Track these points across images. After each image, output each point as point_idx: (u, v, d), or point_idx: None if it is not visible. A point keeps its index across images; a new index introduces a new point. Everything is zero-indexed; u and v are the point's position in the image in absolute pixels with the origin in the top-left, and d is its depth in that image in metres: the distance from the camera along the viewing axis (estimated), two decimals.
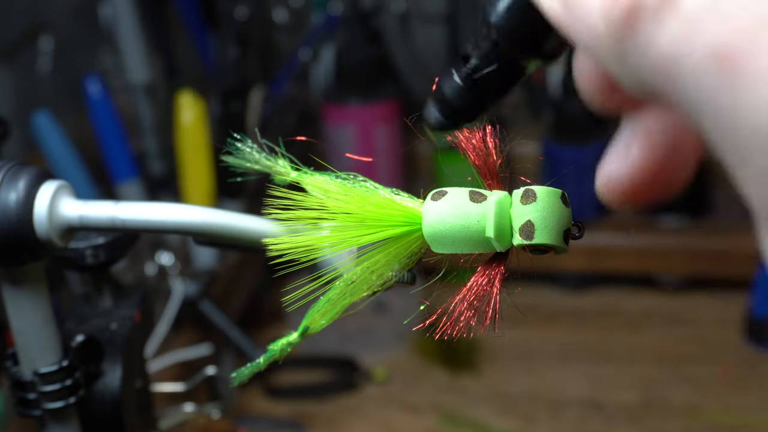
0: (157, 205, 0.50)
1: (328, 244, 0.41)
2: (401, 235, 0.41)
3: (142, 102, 1.28)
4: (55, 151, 1.06)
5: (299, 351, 1.18)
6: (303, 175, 0.43)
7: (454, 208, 0.39)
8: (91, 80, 1.13)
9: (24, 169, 0.49)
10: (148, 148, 1.30)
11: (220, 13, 1.26)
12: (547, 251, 0.39)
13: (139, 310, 0.64)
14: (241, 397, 1.19)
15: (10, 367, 0.55)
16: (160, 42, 1.34)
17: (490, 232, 0.39)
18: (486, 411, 1.15)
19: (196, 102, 1.13)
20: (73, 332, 0.58)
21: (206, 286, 1.11)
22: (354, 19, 1.38)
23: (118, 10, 1.23)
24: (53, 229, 0.49)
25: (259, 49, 1.31)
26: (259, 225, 0.50)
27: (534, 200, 0.39)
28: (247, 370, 0.44)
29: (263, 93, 1.26)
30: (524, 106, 1.47)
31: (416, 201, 0.41)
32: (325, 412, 1.17)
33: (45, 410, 0.55)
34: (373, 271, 0.41)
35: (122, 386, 0.60)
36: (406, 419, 1.15)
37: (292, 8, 1.44)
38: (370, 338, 1.27)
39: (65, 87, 1.30)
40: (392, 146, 1.40)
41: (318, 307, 0.42)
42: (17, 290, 0.52)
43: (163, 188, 1.29)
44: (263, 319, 1.30)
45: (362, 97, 1.38)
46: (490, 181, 0.40)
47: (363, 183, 0.42)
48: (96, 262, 0.62)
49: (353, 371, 1.22)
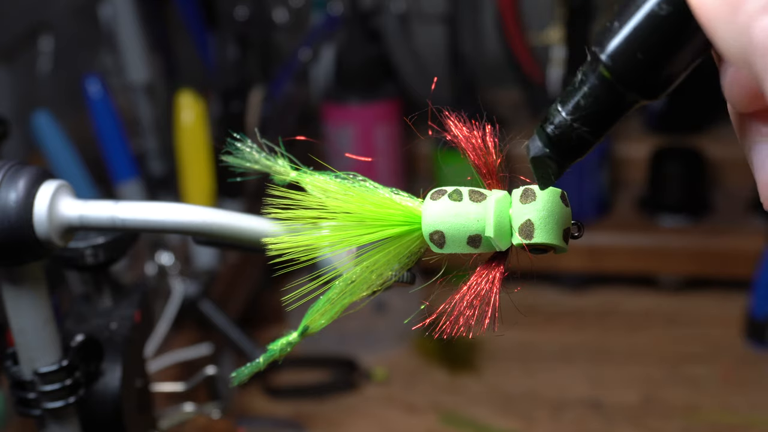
0: (157, 204, 0.50)
1: (327, 244, 0.41)
2: (401, 234, 0.41)
3: (142, 102, 1.28)
4: (55, 151, 1.06)
5: (299, 351, 1.18)
6: (303, 174, 0.43)
7: (454, 208, 0.39)
8: (91, 80, 1.13)
9: (24, 169, 0.49)
10: (148, 148, 1.30)
11: (220, 13, 1.26)
12: (547, 251, 0.39)
13: (139, 310, 0.65)
14: (241, 397, 1.19)
15: (10, 367, 0.55)
16: (160, 42, 1.35)
17: (489, 231, 0.39)
18: (486, 411, 1.15)
19: (196, 102, 1.13)
20: (73, 332, 0.58)
21: (206, 286, 1.12)
22: (354, 19, 1.38)
23: (118, 10, 1.23)
24: (53, 228, 0.49)
25: (259, 49, 1.31)
26: (258, 225, 0.50)
27: (533, 200, 0.39)
28: (247, 370, 0.44)
29: (263, 93, 1.26)
30: (524, 106, 1.47)
31: (416, 200, 0.41)
32: (325, 412, 1.17)
33: (45, 410, 0.55)
34: (372, 271, 0.41)
35: (122, 386, 0.60)
36: (406, 419, 1.15)
37: (292, 8, 1.44)
38: (370, 338, 1.27)
39: (65, 87, 1.30)
40: (392, 146, 1.40)
41: (318, 306, 0.42)
42: (17, 290, 0.52)
43: (163, 188, 1.29)
44: (263, 319, 1.30)
45: (362, 97, 1.38)
46: (490, 181, 0.40)
47: (362, 183, 0.42)
48: (96, 262, 0.62)
49: (353, 371, 1.22)
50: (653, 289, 1.36)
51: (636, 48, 0.32)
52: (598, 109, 0.35)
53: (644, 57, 0.32)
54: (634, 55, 0.32)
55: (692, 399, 1.15)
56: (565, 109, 0.35)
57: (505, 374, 1.22)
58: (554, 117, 0.35)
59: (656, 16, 0.32)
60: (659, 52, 0.32)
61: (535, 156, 0.36)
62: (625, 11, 0.33)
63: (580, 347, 1.27)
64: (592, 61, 0.34)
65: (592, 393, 1.17)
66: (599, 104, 0.34)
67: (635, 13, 0.32)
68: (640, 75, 0.33)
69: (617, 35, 0.33)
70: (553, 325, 1.32)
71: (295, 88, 1.39)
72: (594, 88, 0.34)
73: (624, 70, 0.33)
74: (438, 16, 1.43)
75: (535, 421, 1.14)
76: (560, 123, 0.35)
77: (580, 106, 0.35)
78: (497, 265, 0.40)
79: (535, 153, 0.36)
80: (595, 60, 0.34)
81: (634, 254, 1.33)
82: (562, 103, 0.35)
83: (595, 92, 0.34)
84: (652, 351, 1.25)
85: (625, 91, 0.34)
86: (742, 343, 1.24)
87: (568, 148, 0.36)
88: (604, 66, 0.33)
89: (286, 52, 1.41)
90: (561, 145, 0.36)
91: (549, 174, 0.37)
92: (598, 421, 1.13)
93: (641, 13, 0.32)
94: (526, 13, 1.40)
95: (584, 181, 1.34)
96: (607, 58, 0.33)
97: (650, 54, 0.32)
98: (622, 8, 0.33)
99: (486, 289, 0.40)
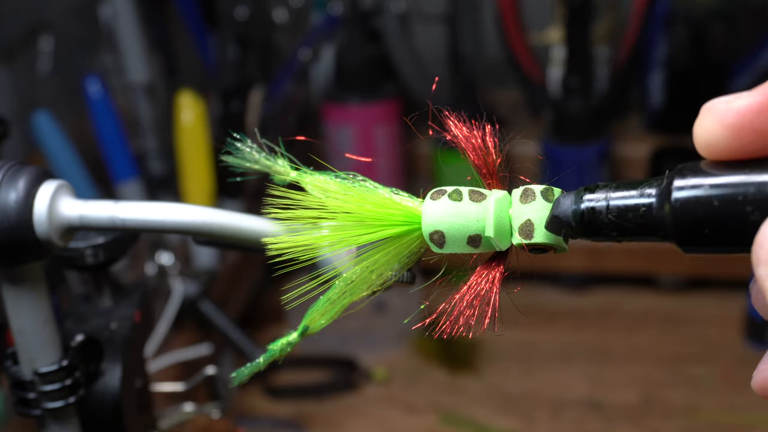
0: (157, 204, 0.50)
1: (327, 244, 0.41)
2: (401, 234, 0.41)
3: (142, 102, 1.28)
4: (55, 151, 1.06)
5: (299, 351, 1.18)
6: (302, 174, 0.43)
7: (454, 208, 0.39)
8: (91, 80, 1.13)
9: (24, 169, 0.49)
10: (148, 148, 1.30)
11: (220, 13, 1.26)
12: (547, 251, 0.39)
13: (138, 310, 0.64)
14: (241, 397, 1.19)
15: (10, 367, 0.55)
16: (160, 42, 1.34)
17: (489, 231, 0.39)
18: (486, 411, 1.15)
19: (196, 102, 1.13)
20: (73, 332, 0.58)
21: (206, 286, 1.12)
22: (354, 19, 1.38)
23: (118, 10, 1.23)
24: (53, 228, 0.49)
25: (259, 49, 1.31)
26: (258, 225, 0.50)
27: (533, 199, 0.39)
28: (247, 370, 0.44)
29: (263, 93, 1.26)
30: (524, 106, 1.47)
31: (416, 200, 0.41)
32: (325, 412, 1.17)
33: (45, 410, 0.55)
34: (372, 271, 0.41)
35: (122, 386, 0.60)
36: (406, 419, 1.15)
37: (292, 8, 1.44)
38: (370, 338, 1.27)
39: (65, 87, 1.30)
40: (392, 146, 1.40)
41: (318, 306, 0.42)
42: (17, 290, 0.52)
43: (163, 188, 1.29)
44: (263, 319, 1.30)
45: (362, 97, 1.38)
46: (490, 181, 0.40)
47: (362, 182, 0.42)
48: (96, 262, 0.62)
49: (353, 371, 1.22)
50: (653, 289, 1.36)
51: (707, 224, 0.32)
52: (636, 229, 0.35)
53: (709, 234, 0.32)
54: (702, 227, 0.32)
55: (692, 399, 1.15)
56: (612, 204, 0.35)
57: (505, 374, 1.22)
58: (597, 200, 0.35)
59: (744, 214, 0.31)
60: (721, 240, 0.32)
61: (558, 216, 0.37)
62: (730, 178, 0.31)
63: (580, 347, 1.27)
64: (667, 187, 0.33)
65: (592, 393, 1.17)
66: (640, 226, 0.34)
67: (734, 194, 0.31)
68: (693, 240, 0.33)
69: (705, 192, 0.32)
70: (553, 325, 1.32)
71: (295, 88, 1.39)
72: (647, 215, 0.34)
73: (685, 228, 0.33)
74: (438, 16, 1.43)
75: (535, 421, 1.14)
76: (599, 211, 0.35)
77: (627, 217, 0.35)
78: (497, 265, 0.40)
79: (559, 213, 0.37)
80: (669, 190, 0.33)
81: (634, 254, 1.33)
82: (614, 192, 0.35)
83: (647, 219, 0.34)
84: (652, 351, 1.24)
85: (669, 239, 0.34)
86: (742, 343, 1.24)
87: (588, 232, 0.36)
88: (671, 210, 0.33)
89: (286, 52, 1.41)
90: (585, 227, 0.36)
91: (559, 231, 0.37)
92: (598, 421, 1.13)
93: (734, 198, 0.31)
94: (526, 13, 1.40)
95: (584, 181, 1.33)
96: (681, 207, 0.32)
97: (713, 237, 0.32)
98: (728, 169, 0.32)
99: (486, 289, 0.40)
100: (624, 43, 1.38)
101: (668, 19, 1.34)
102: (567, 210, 0.36)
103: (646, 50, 1.38)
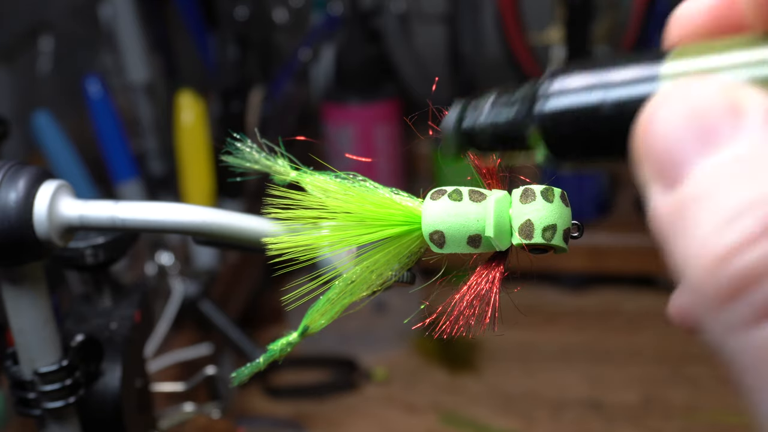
0: (157, 204, 0.50)
1: (327, 244, 0.41)
2: (401, 234, 0.41)
3: (142, 102, 1.28)
4: (55, 151, 1.06)
5: (299, 351, 1.18)
6: (303, 174, 0.43)
7: (454, 208, 0.39)
8: (91, 80, 1.13)
9: (24, 169, 0.49)
10: (148, 148, 1.30)
11: (220, 13, 1.26)
12: (547, 251, 0.39)
13: (138, 310, 0.64)
14: (241, 397, 1.19)
15: (10, 367, 0.55)
16: (160, 42, 1.34)
17: (489, 231, 0.39)
18: (486, 411, 1.15)
19: (196, 102, 1.13)
20: (73, 332, 0.58)
21: (206, 286, 1.12)
22: (354, 19, 1.38)
23: (118, 10, 1.23)
24: (53, 228, 0.49)
25: (259, 49, 1.31)
26: (258, 225, 0.50)
27: (533, 199, 0.39)
28: (247, 370, 0.44)
29: (263, 93, 1.26)
30: None
31: (416, 200, 0.41)
32: (325, 412, 1.17)
33: (45, 410, 0.55)
34: (372, 271, 0.41)
35: (122, 386, 0.60)
36: (406, 419, 1.15)
37: (292, 8, 1.44)
38: (370, 338, 1.27)
39: (65, 87, 1.30)
40: (392, 146, 1.40)
41: (318, 306, 0.42)
42: (17, 290, 0.52)
43: (163, 188, 1.29)
44: (263, 319, 1.30)
45: (362, 97, 1.38)
46: (490, 181, 0.40)
47: (362, 182, 0.42)
48: (96, 262, 0.62)
49: (353, 371, 1.22)
50: (653, 289, 1.36)
51: (574, 126, 0.31)
52: (505, 137, 0.35)
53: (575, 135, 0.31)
54: (569, 129, 0.31)
55: (692, 399, 1.15)
56: (488, 114, 0.35)
57: (505, 374, 1.22)
58: (476, 110, 0.36)
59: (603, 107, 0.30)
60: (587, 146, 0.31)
61: (443, 129, 0.37)
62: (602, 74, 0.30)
63: (580, 347, 1.27)
64: (534, 94, 0.33)
65: (592, 393, 1.17)
66: (509, 135, 0.35)
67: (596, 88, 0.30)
68: (562, 145, 0.32)
69: (568, 97, 0.31)
70: (553, 325, 1.32)
71: (295, 88, 1.39)
72: (517, 121, 0.34)
73: (552, 133, 0.32)
74: (438, 16, 1.43)
75: (535, 421, 1.14)
76: (477, 121, 0.36)
77: (498, 124, 0.35)
78: (497, 265, 0.40)
79: (443, 126, 0.37)
80: (535, 97, 0.33)
81: (634, 254, 1.33)
82: (493, 100, 0.35)
83: (516, 124, 0.34)
84: (652, 351, 1.24)
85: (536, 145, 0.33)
86: None
87: (471, 144, 0.37)
88: (539, 119, 0.32)
89: (286, 52, 1.41)
90: (466, 140, 0.37)
91: (447, 148, 0.38)
92: (598, 421, 1.13)
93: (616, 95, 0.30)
94: (526, 13, 1.40)
95: (584, 181, 1.34)
96: (548, 112, 0.32)
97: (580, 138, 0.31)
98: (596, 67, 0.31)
99: (486, 289, 0.40)
100: (624, 43, 1.38)
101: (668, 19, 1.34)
102: (449, 122, 0.37)
103: None
